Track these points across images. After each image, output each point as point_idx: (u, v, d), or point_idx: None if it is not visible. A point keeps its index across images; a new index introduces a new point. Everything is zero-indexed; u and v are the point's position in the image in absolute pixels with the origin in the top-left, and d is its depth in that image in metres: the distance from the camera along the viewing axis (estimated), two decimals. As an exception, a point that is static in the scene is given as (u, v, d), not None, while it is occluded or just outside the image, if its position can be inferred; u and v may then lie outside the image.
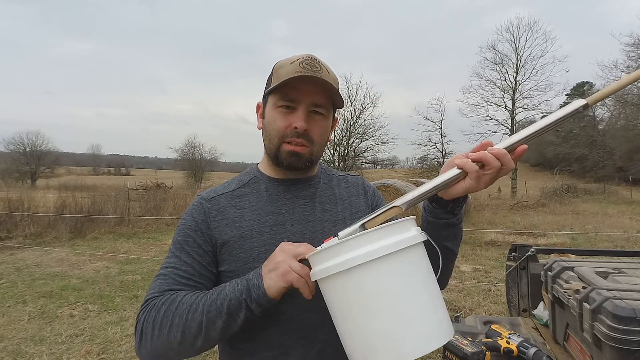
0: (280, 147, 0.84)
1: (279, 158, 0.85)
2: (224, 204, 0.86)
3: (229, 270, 0.82)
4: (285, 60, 0.85)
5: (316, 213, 0.89)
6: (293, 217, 0.86)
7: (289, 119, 0.83)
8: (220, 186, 0.92)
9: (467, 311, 4.16)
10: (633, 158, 29.42)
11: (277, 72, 0.84)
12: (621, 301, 1.04)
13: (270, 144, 0.86)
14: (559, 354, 1.39)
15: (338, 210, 0.92)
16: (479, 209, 15.08)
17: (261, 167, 0.94)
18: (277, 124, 0.84)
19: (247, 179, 0.92)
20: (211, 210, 0.85)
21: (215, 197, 0.88)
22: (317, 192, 0.92)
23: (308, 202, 0.90)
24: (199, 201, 0.87)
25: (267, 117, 0.87)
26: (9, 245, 7.85)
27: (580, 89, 44.14)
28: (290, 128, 0.82)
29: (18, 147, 43.64)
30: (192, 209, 0.86)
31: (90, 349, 3.40)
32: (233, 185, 0.91)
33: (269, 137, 0.86)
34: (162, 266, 0.82)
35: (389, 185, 8.21)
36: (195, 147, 43.66)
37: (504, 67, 24.53)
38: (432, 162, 27.11)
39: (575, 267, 1.39)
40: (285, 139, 0.83)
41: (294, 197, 0.89)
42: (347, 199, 0.95)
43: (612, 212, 13.96)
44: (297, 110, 0.83)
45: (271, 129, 0.85)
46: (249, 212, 0.85)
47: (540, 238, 8.65)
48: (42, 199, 11.05)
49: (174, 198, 13.39)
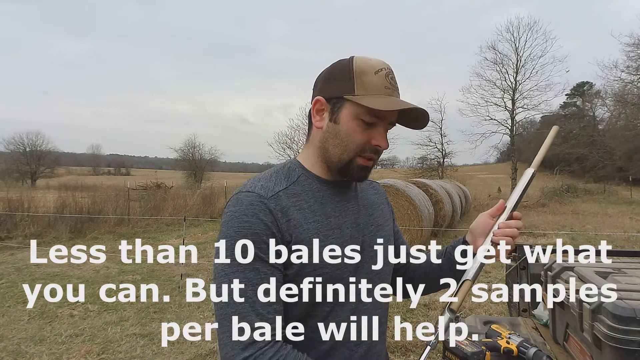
0: (354, 160, 0.81)
1: (350, 170, 0.82)
2: (286, 203, 0.77)
3: (295, 275, 0.76)
4: (366, 64, 0.79)
5: (362, 217, 0.88)
6: (346, 220, 0.84)
7: (369, 134, 0.80)
8: (267, 182, 0.80)
9: (467, 311, 4.16)
10: (633, 158, 29.41)
11: (362, 78, 0.78)
12: (621, 301, 1.04)
13: (342, 154, 0.81)
14: (559, 354, 1.39)
15: (377, 215, 0.93)
16: (479, 209, 15.09)
17: (306, 165, 0.86)
18: (358, 137, 0.79)
19: (295, 176, 0.84)
20: (276, 210, 0.75)
21: (274, 194, 0.77)
22: (357, 195, 0.91)
23: (354, 206, 0.88)
24: (259, 200, 0.75)
25: (343, 125, 0.80)
26: (9, 245, 7.85)
27: (580, 89, 44.12)
28: (370, 144, 0.80)
29: (18, 147, 43.62)
30: (254, 209, 0.74)
31: (90, 349, 3.40)
32: (282, 182, 0.81)
33: (344, 146, 0.80)
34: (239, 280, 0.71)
35: (389, 185, 8.21)
36: (195, 147, 43.68)
37: (504, 67, 24.51)
38: (432, 162, 27.10)
39: (575, 267, 1.39)
40: (363, 153, 0.80)
41: (342, 199, 0.86)
42: (379, 205, 0.97)
43: (612, 212, 13.96)
44: (377, 127, 0.80)
45: (349, 141, 0.80)
46: (310, 213, 0.79)
47: (540, 238, 8.65)
48: (42, 199, 11.04)
49: (174, 198, 13.39)
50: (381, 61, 0.81)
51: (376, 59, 0.81)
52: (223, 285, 0.71)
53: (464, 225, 11.53)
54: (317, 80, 0.86)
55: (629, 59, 23.61)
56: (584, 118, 41.96)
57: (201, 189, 17.50)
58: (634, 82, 24.72)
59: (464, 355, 1.20)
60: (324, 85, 0.83)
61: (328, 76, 0.83)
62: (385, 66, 0.80)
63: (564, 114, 41.73)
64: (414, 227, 7.75)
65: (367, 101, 0.77)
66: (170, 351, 3.34)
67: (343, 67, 0.81)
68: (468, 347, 1.22)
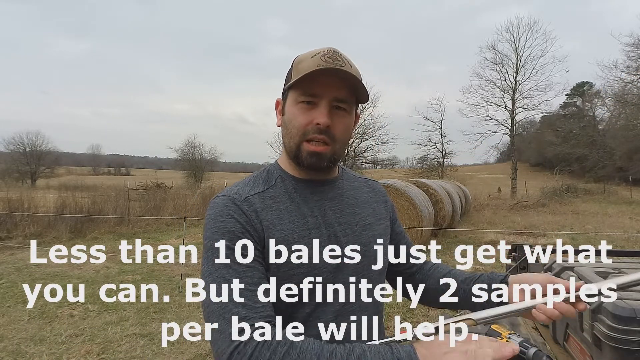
0: (301, 146, 0.80)
1: (300, 158, 0.81)
2: (259, 206, 0.79)
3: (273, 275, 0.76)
4: (305, 54, 0.81)
5: (346, 216, 0.86)
6: (326, 219, 0.83)
7: (310, 115, 0.78)
8: (244, 186, 0.83)
9: (467, 311, 4.16)
10: (633, 158, 29.41)
11: (297, 66, 0.80)
12: (621, 301, 1.04)
13: (290, 142, 0.82)
14: (559, 354, 1.39)
15: (365, 214, 0.90)
16: (479, 209, 15.09)
17: (283, 166, 0.88)
18: (298, 120, 0.79)
19: (272, 180, 0.85)
20: (249, 211, 0.77)
21: (249, 197, 0.79)
22: (343, 193, 0.89)
23: (337, 204, 0.86)
24: (233, 202, 0.78)
25: (287, 114, 0.82)
26: (9, 245, 7.85)
27: (580, 89, 44.12)
28: (312, 124, 0.78)
29: (18, 147, 43.66)
30: (228, 211, 0.76)
31: (90, 349, 3.39)
32: (260, 185, 0.83)
33: (289, 134, 0.81)
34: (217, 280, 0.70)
35: (389, 185, 8.20)
36: (195, 147, 43.70)
37: (504, 67, 24.57)
38: (432, 162, 27.12)
39: (575, 267, 1.39)
40: (306, 136, 0.79)
41: (322, 198, 0.85)
42: (371, 204, 0.94)
43: (612, 212, 13.95)
44: (318, 106, 0.78)
45: (292, 126, 0.81)
46: (286, 214, 0.80)
47: (540, 238, 8.65)
48: (42, 199, 11.04)
49: (174, 198, 13.38)
50: (327, 48, 0.80)
51: (322, 48, 0.81)
52: (205, 284, 0.72)
53: (464, 225, 11.53)
54: None
55: (629, 59, 23.67)
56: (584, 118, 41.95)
57: (201, 189, 17.51)
58: (634, 82, 24.73)
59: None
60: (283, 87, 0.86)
61: (285, 79, 0.86)
62: (326, 49, 0.80)
63: (564, 114, 41.72)
64: (414, 227, 7.75)
65: (295, 81, 0.78)
66: (170, 351, 3.34)
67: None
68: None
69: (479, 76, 26.54)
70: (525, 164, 46.39)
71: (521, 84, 24.30)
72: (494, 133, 25.32)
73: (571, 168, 36.54)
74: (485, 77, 25.30)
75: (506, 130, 25.16)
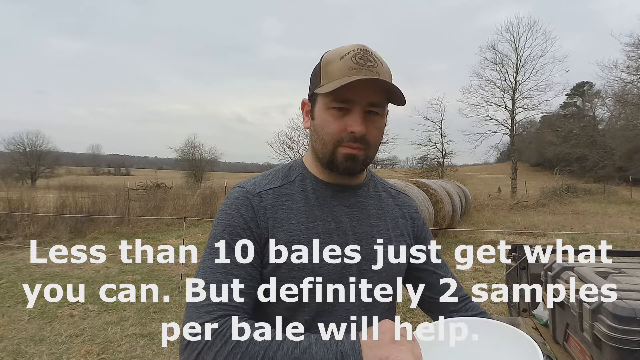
0: (336, 150, 0.77)
1: (335, 162, 0.78)
2: (271, 201, 0.78)
3: (271, 274, 0.76)
4: (334, 53, 0.77)
5: (364, 226, 0.83)
6: (340, 226, 0.80)
7: (343, 121, 0.75)
8: (263, 179, 0.83)
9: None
10: (633, 158, 29.42)
11: (327, 68, 0.76)
12: (621, 301, 1.04)
13: (323, 149, 0.78)
14: (559, 354, 1.39)
15: (385, 227, 0.86)
16: (479, 209, 15.09)
17: (307, 164, 0.86)
18: (331, 127, 0.76)
19: (293, 176, 0.83)
20: (259, 207, 0.77)
21: (262, 192, 0.79)
22: (365, 202, 0.86)
23: (356, 213, 0.83)
24: (245, 195, 0.78)
25: (317, 119, 0.79)
26: (9, 245, 7.85)
27: (580, 89, 44.13)
28: (346, 132, 0.75)
29: (18, 147, 43.69)
30: (237, 203, 0.77)
31: (90, 349, 3.40)
32: (278, 180, 0.82)
33: (322, 141, 0.78)
34: (208, 269, 0.72)
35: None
36: (195, 147, 43.71)
37: (503, 67, 24.58)
38: (432, 162, 27.12)
39: (575, 267, 1.39)
40: (341, 143, 0.76)
41: (341, 204, 0.82)
42: (395, 219, 0.89)
43: (612, 212, 13.96)
44: (352, 112, 0.75)
45: (324, 133, 0.77)
46: (296, 214, 0.78)
47: (540, 238, 8.65)
48: (42, 199, 11.03)
49: (174, 198, 13.39)
50: (354, 44, 0.76)
51: (349, 45, 0.77)
52: (197, 270, 0.73)
53: (464, 225, 11.53)
54: None
55: (629, 59, 23.68)
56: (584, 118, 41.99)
57: (201, 189, 17.50)
58: (634, 82, 24.75)
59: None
60: (309, 88, 0.83)
61: (310, 77, 0.83)
62: (356, 48, 0.75)
63: (564, 114, 41.73)
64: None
65: (326, 87, 0.74)
66: (170, 351, 3.34)
67: (317, 64, 0.81)
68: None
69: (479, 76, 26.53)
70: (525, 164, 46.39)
71: (521, 84, 24.32)
72: (494, 133, 25.35)
73: (571, 168, 36.56)
74: (485, 77, 25.32)
75: (506, 130, 25.18)
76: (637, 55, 23.34)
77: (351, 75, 0.72)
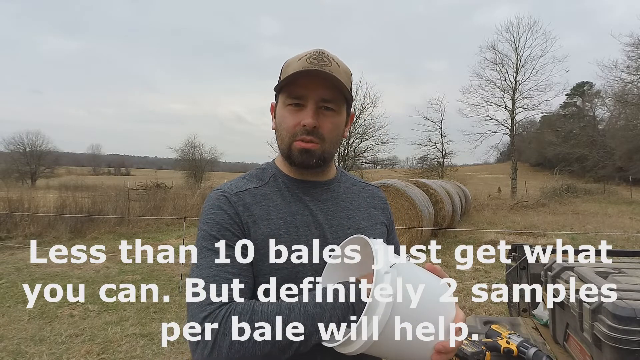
0: (292, 145, 0.82)
1: (292, 157, 0.83)
2: (249, 200, 0.82)
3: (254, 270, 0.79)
4: (293, 58, 0.83)
5: (339, 218, 0.87)
6: (317, 219, 0.84)
7: (298, 116, 0.81)
8: (238, 182, 0.87)
9: (467, 311, 4.16)
10: (633, 158, 29.42)
11: (285, 70, 0.82)
12: (621, 301, 1.04)
13: (282, 144, 0.85)
14: (559, 354, 1.39)
15: (360, 218, 0.91)
16: (479, 209, 15.09)
17: (278, 165, 0.91)
18: (287, 122, 0.82)
19: (266, 177, 0.88)
20: (238, 205, 0.81)
21: (240, 192, 0.83)
22: (337, 196, 0.91)
23: (330, 206, 0.88)
24: (223, 195, 0.82)
25: (277, 117, 0.86)
26: (9, 245, 7.85)
27: (580, 89, 44.11)
28: (299, 126, 0.81)
29: (18, 147, 43.65)
30: (218, 203, 0.81)
31: (90, 349, 3.40)
32: (253, 182, 0.87)
33: (281, 136, 0.84)
34: (202, 265, 0.74)
35: (389, 185, 8.20)
36: (195, 147, 43.68)
37: (504, 67, 24.55)
38: (432, 162, 27.11)
39: (575, 267, 1.39)
40: (295, 137, 0.82)
41: (314, 199, 0.87)
42: (368, 209, 0.95)
43: (612, 212, 13.95)
44: (306, 107, 0.81)
45: (282, 129, 0.84)
46: (274, 211, 0.82)
47: (540, 238, 8.65)
48: (42, 199, 11.03)
49: (174, 198, 13.38)
50: (314, 49, 0.83)
51: (310, 50, 0.83)
52: (192, 265, 0.76)
53: (464, 225, 11.53)
54: None
55: (629, 59, 23.64)
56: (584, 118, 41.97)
57: (201, 189, 17.50)
58: (634, 82, 24.72)
59: (464, 355, 1.20)
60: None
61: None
62: (314, 51, 0.82)
63: (564, 114, 41.74)
64: (414, 227, 7.75)
65: (282, 84, 0.81)
66: (170, 351, 3.34)
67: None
68: (468, 347, 1.22)
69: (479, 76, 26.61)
70: (525, 164, 46.37)
71: (521, 84, 24.29)
72: (494, 133, 25.32)
73: (571, 168, 36.57)
74: (485, 77, 25.30)
75: (506, 130, 25.15)
76: (637, 55, 23.33)
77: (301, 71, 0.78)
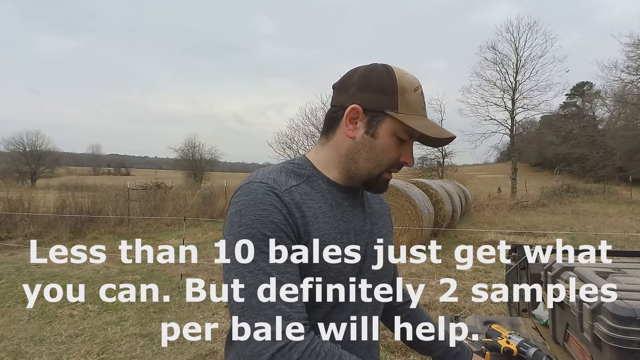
0: (383, 174, 0.82)
1: (375, 184, 0.83)
2: (298, 199, 0.73)
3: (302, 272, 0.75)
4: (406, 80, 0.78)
5: (367, 225, 0.87)
6: (351, 226, 0.82)
7: (399, 150, 0.80)
8: (278, 176, 0.76)
9: (467, 311, 4.16)
10: (633, 158, 29.44)
11: (404, 96, 0.77)
12: (621, 301, 1.04)
13: (374, 169, 0.80)
14: (559, 354, 1.39)
15: (380, 224, 0.92)
16: (479, 209, 15.09)
17: (318, 166, 0.83)
18: (392, 154, 0.80)
19: (304, 175, 0.80)
20: (290, 204, 0.71)
21: (287, 189, 0.73)
22: (364, 203, 0.90)
23: (360, 213, 0.87)
24: (273, 190, 0.71)
25: (380, 140, 0.78)
26: (9, 245, 7.85)
27: (580, 89, 44.12)
28: (399, 161, 0.81)
29: (18, 147, 43.69)
30: (270, 199, 0.70)
31: (90, 349, 3.40)
32: (293, 178, 0.77)
33: (378, 162, 0.80)
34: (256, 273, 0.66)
35: (389, 185, 8.20)
36: (195, 147, 43.70)
37: (503, 67, 24.57)
38: (432, 162, 27.10)
39: (575, 267, 1.39)
40: (391, 168, 0.82)
41: (350, 205, 0.84)
42: (382, 216, 0.96)
43: (612, 212, 13.96)
44: (407, 145, 0.80)
45: (384, 157, 0.79)
46: (320, 214, 0.76)
47: (540, 238, 8.65)
48: (42, 199, 11.04)
49: (174, 198, 13.39)
50: (415, 77, 0.81)
51: (411, 75, 0.81)
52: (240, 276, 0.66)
53: (464, 225, 11.53)
54: (345, 82, 0.81)
55: (628, 59, 23.67)
56: (584, 118, 41.98)
57: (201, 189, 17.50)
58: (634, 82, 24.75)
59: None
60: (360, 93, 0.78)
61: (365, 84, 0.78)
62: (419, 84, 0.81)
63: (564, 114, 41.74)
64: (414, 227, 7.75)
65: (413, 122, 0.76)
66: (170, 351, 3.34)
67: (383, 78, 0.77)
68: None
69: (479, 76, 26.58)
70: (525, 164, 46.37)
71: (521, 84, 24.31)
72: (494, 133, 25.35)
73: (571, 168, 36.60)
74: (485, 77, 25.31)
75: (506, 130, 25.18)
76: (637, 55, 23.35)
77: (424, 117, 0.80)
